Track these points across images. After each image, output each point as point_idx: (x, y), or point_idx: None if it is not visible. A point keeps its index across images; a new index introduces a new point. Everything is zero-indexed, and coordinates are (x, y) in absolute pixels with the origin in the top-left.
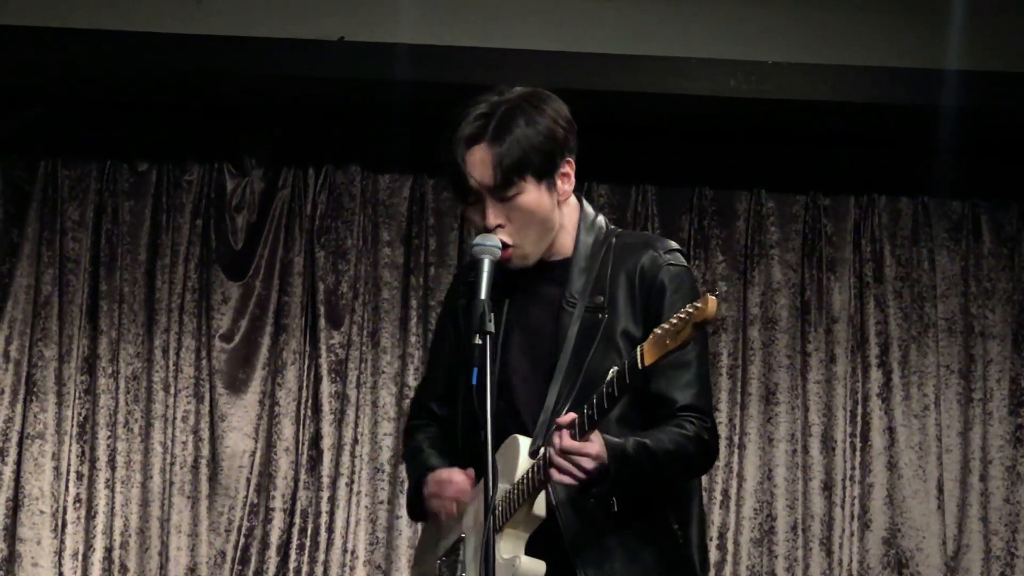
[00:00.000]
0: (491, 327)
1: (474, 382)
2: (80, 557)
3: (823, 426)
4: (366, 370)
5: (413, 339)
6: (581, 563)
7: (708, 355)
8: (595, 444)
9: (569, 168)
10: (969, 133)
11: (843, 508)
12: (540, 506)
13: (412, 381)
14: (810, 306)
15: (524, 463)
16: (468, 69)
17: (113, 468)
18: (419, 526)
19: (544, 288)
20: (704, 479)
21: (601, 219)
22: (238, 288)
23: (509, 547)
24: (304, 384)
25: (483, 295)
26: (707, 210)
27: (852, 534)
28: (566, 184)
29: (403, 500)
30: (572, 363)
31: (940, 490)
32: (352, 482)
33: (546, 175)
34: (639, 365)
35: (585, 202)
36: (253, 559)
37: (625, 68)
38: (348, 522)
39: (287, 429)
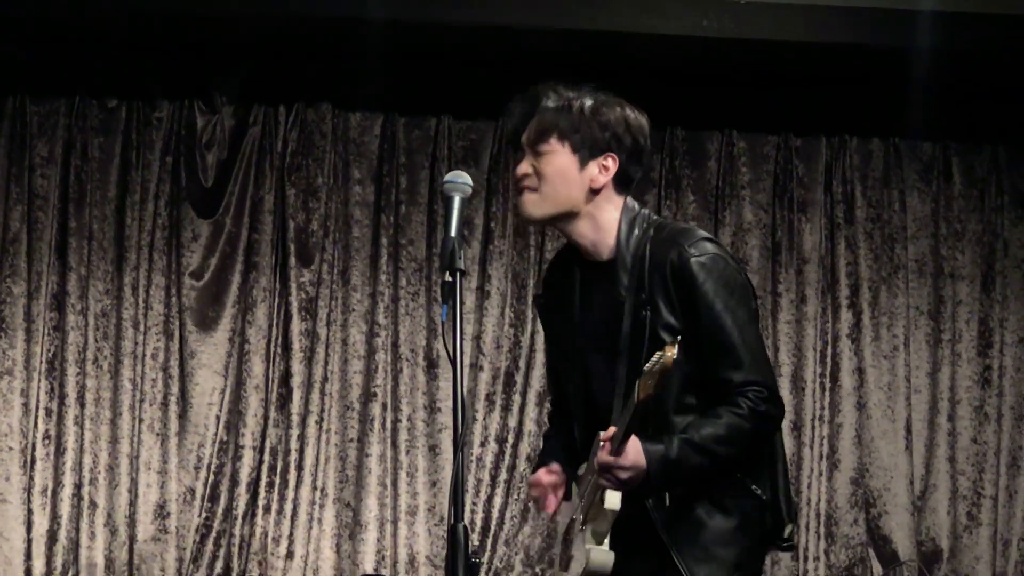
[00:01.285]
0: (461, 264)
1: (443, 318)
2: (49, 493)
3: (793, 366)
4: (336, 308)
5: (383, 277)
6: (672, 539)
7: (754, 323)
8: (629, 456)
9: (610, 163)
10: (942, 75)
11: (812, 448)
12: (612, 501)
13: (382, 319)
14: (781, 247)
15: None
16: (439, 8)
17: (82, 405)
18: (387, 464)
19: (602, 284)
20: None
21: (644, 213)
22: (208, 225)
23: (589, 537)
24: (274, 322)
25: (453, 232)
26: (679, 150)
27: (821, 474)
28: (600, 174)
29: (372, 438)
30: (632, 361)
31: (908, 430)
32: (322, 420)
33: (580, 151)
34: (635, 399)
35: (631, 203)
36: (222, 496)
37: (597, 7)
38: (318, 460)
39: (257, 367)
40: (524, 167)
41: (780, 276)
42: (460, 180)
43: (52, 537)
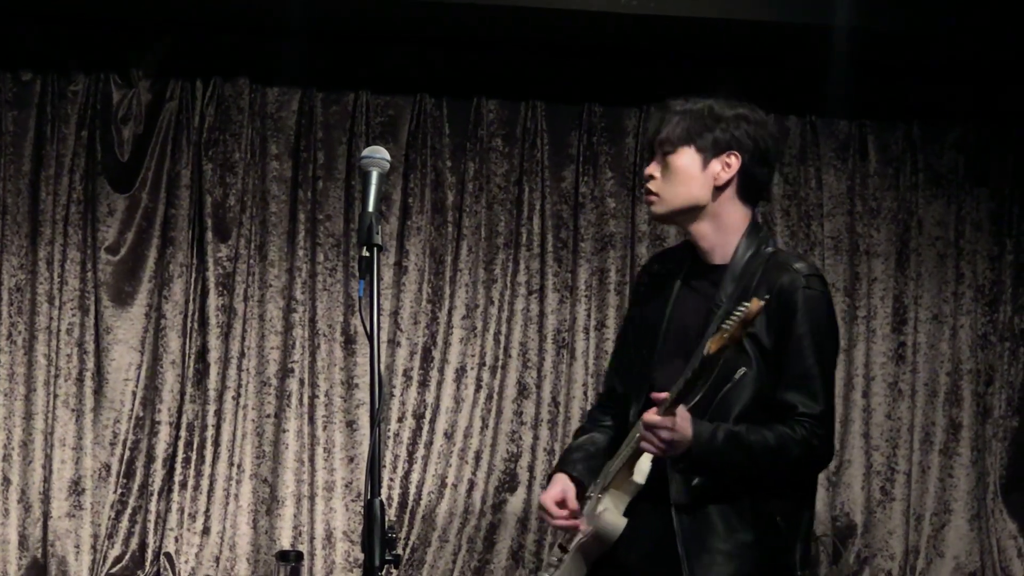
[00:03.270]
0: (379, 240)
1: (360, 294)
2: None
3: None
4: (253, 283)
5: (300, 253)
6: (683, 531)
7: (835, 365)
8: (675, 420)
9: (733, 161)
10: (857, 53)
11: None
12: (640, 474)
13: (299, 295)
14: None
15: (636, 433)
16: None
17: None
18: (304, 440)
19: (704, 287)
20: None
21: (765, 234)
22: (124, 200)
23: (606, 502)
24: (191, 297)
25: (371, 208)
26: (596, 126)
27: None
28: (724, 172)
29: (290, 414)
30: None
31: None
32: (239, 396)
33: (704, 151)
34: (705, 352)
35: (759, 217)
36: (138, 472)
37: None
38: (234, 435)
39: (173, 342)
40: (650, 168)
41: None
42: (378, 155)
43: None
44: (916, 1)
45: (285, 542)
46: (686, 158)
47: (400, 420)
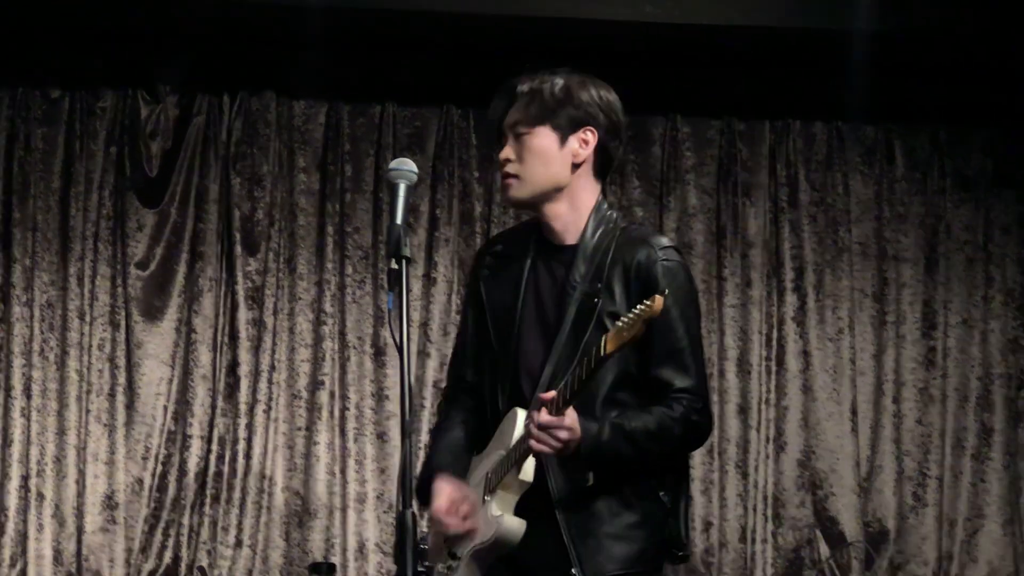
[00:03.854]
0: (407, 252)
1: (389, 306)
2: None
3: (739, 350)
4: (283, 297)
5: (329, 265)
6: (567, 523)
7: (700, 337)
8: (568, 419)
9: (590, 137)
10: (882, 58)
11: (759, 431)
12: (528, 473)
13: (328, 307)
14: (726, 231)
15: (518, 432)
16: None
17: (29, 396)
18: (336, 452)
19: (555, 269)
20: None
21: (613, 213)
22: (153, 215)
23: (498, 506)
24: (221, 311)
25: (399, 220)
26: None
27: (767, 456)
28: (581, 148)
29: (320, 426)
30: (569, 342)
31: (854, 412)
32: (269, 409)
33: (560, 129)
34: (602, 352)
35: (602, 197)
36: (171, 486)
37: None
38: (266, 448)
39: (204, 356)
40: (506, 152)
41: (725, 260)
42: (405, 167)
43: (0, 530)
44: (939, 4)
45: (317, 554)
46: (543, 138)
47: (430, 431)
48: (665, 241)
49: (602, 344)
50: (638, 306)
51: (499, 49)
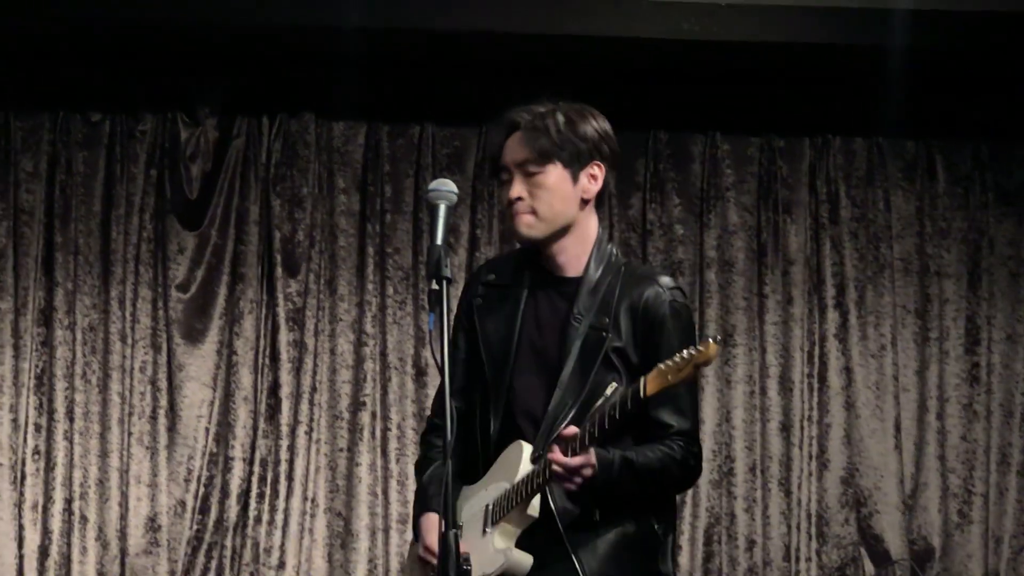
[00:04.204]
0: (447, 272)
1: (430, 326)
2: (40, 509)
3: (780, 367)
4: (323, 318)
5: (370, 286)
6: (577, 556)
7: (697, 384)
8: (592, 458)
9: (598, 172)
10: (921, 73)
11: (801, 448)
12: (534, 507)
13: (370, 328)
14: (766, 248)
15: (525, 467)
16: (419, 15)
17: (71, 419)
18: (378, 473)
19: (556, 301)
20: None
21: (612, 248)
22: (194, 238)
23: (502, 540)
24: (261, 333)
25: (439, 240)
26: (662, 153)
27: (810, 474)
28: (591, 184)
29: (362, 447)
30: (576, 376)
31: (897, 429)
32: (311, 430)
33: (571, 166)
34: (641, 394)
35: (603, 232)
36: (213, 508)
37: (578, 12)
38: (308, 470)
39: (245, 378)
40: (517, 190)
41: (766, 277)
42: (445, 188)
43: (44, 552)
44: (977, 18)
45: (360, 575)
46: (556, 176)
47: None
48: (671, 281)
49: (642, 386)
50: (687, 350)
51: (537, 68)
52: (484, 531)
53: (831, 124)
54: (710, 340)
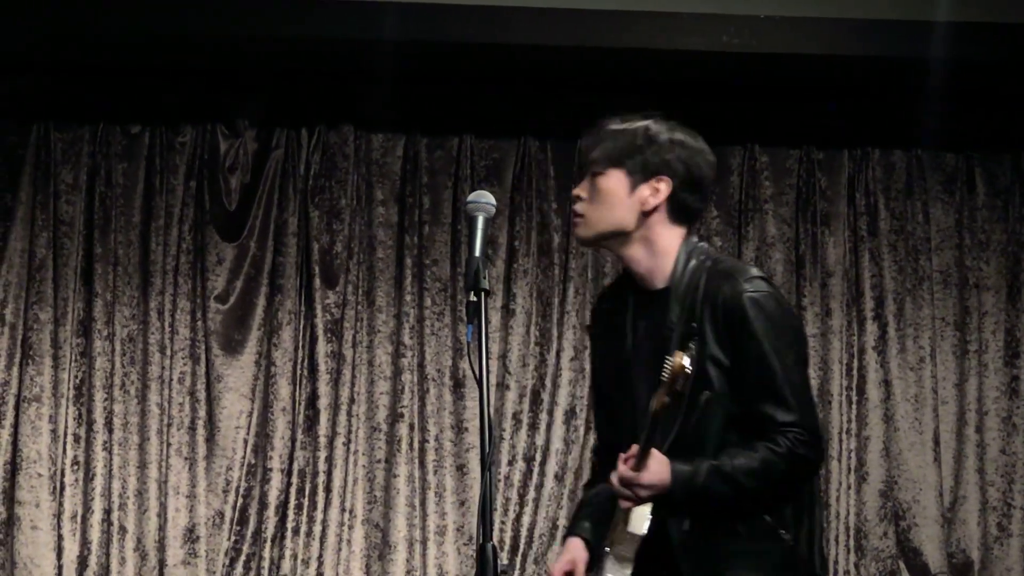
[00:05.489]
0: (486, 284)
1: (468, 338)
2: (79, 519)
3: (819, 380)
4: (362, 329)
5: (408, 298)
6: (691, 572)
7: (801, 365)
8: (650, 472)
9: (662, 187)
10: (961, 85)
11: (840, 461)
12: (637, 525)
13: (407, 339)
14: (805, 260)
15: None
16: (458, 28)
17: (110, 430)
18: (415, 484)
19: (655, 314)
20: None
21: (703, 246)
22: (233, 249)
23: (615, 561)
24: (300, 344)
25: (478, 252)
26: None
27: (849, 487)
28: (652, 197)
29: (400, 459)
30: None
31: (936, 442)
32: (349, 441)
33: (634, 175)
34: (650, 412)
35: (693, 237)
36: (251, 519)
37: (617, 24)
38: (346, 481)
39: (283, 389)
40: (579, 188)
41: (805, 290)
42: (483, 200)
43: (83, 563)
44: (1017, 30)
45: None
46: (613, 181)
47: (510, 463)
48: (753, 272)
49: (650, 405)
50: (664, 367)
51: (576, 81)
52: (605, 550)
53: (870, 136)
54: (678, 351)
